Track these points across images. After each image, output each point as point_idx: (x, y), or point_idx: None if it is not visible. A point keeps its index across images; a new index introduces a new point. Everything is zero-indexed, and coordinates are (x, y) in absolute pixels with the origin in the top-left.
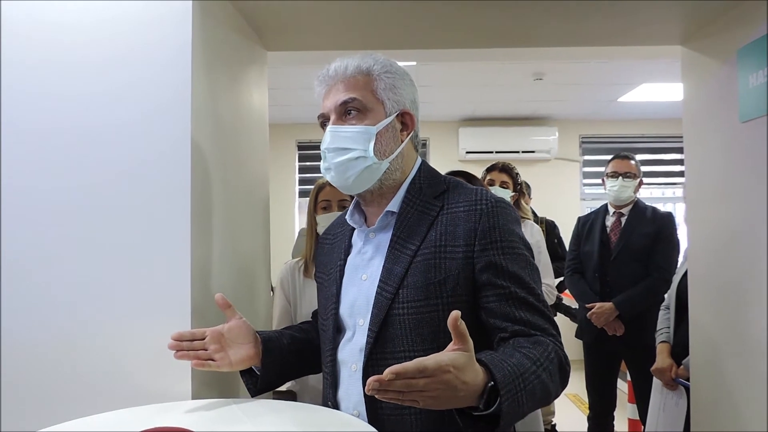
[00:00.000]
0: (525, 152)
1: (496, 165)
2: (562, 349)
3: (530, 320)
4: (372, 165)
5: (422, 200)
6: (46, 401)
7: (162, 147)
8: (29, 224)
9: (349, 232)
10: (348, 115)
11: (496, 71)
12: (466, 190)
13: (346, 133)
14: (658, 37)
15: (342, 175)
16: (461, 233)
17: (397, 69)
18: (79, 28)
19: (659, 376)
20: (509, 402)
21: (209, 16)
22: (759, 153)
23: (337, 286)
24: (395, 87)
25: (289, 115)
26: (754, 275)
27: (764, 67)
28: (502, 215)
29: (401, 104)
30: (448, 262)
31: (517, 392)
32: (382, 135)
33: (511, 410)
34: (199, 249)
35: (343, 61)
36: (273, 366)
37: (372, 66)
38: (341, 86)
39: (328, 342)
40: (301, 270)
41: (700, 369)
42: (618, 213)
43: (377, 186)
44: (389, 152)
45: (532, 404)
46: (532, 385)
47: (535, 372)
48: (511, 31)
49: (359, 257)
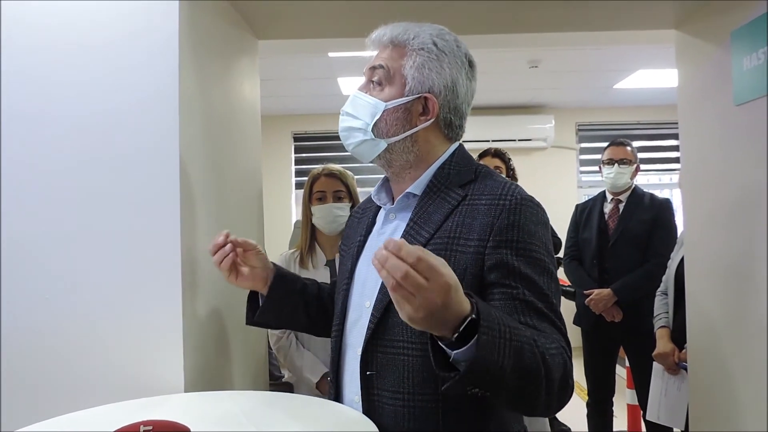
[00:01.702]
0: (521, 140)
1: (488, 150)
2: (570, 363)
3: (536, 327)
4: (370, 140)
5: (447, 187)
6: (34, 395)
7: (149, 138)
8: (16, 218)
9: (376, 209)
10: (372, 84)
11: (491, 59)
12: (494, 183)
13: (360, 101)
14: (652, 21)
15: (345, 141)
16: (477, 227)
17: (441, 48)
18: (62, 19)
19: (661, 361)
20: (487, 338)
21: (196, 5)
22: (754, 136)
23: (352, 263)
24: (425, 67)
25: (284, 106)
26: (751, 259)
27: (758, 49)
28: (525, 214)
29: (426, 86)
30: (458, 256)
31: (500, 337)
32: (390, 114)
33: (487, 350)
34: (189, 241)
35: (386, 27)
36: (276, 301)
37: (410, 39)
38: (379, 52)
39: (337, 317)
40: (297, 261)
41: (698, 353)
42: (616, 200)
43: (383, 163)
44: (393, 133)
45: (514, 364)
46: (520, 343)
47: (528, 340)
48: (506, 17)
49: (378, 237)
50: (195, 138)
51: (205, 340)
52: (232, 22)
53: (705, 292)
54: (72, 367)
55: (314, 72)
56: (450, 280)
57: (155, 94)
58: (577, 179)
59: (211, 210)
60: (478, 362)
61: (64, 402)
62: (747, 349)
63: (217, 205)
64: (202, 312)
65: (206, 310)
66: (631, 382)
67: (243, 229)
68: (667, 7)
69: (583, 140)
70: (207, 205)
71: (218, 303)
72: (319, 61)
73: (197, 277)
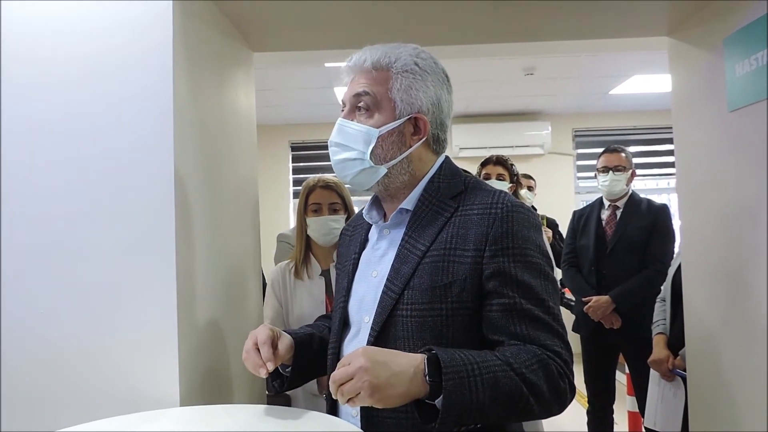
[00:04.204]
0: (518, 147)
1: (490, 158)
2: (562, 366)
3: (530, 335)
4: (369, 169)
5: (438, 200)
6: (31, 408)
7: (144, 149)
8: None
9: (368, 226)
10: (359, 110)
11: (486, 67)
12: (484, 192)
13: (350, 130)
14: (645, 28)
15: (341, 173)
16: (472, 237)
17: (423, 68)
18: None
19: (656, 368)
20: (454, 382)
21: (191, 17)
22: (748, 142)
23: (348, 280)
24: (412, 88)
25: (282, 116)
26: (747, 263)
27: (750, 55)
28: (517, 220)
29: (415, 107)
30: (456, 266)
31: (468, 376)
32: (385, 139)
33: (457, 393)
34: (184, 251)
35: (365, 52)
36: (301, 369)
37: (392, 62)
38: (360, 78)
39: (334, 334)
40: (291, 272)
41: (697, 359)
42: (613, 206)
43: (381, 188)
44: (390, 157)
45: (492, 394)
46: (492, 374)
47: (501, 367)
48: (500, 26)
49: (373, 253)
50: (189, 149)
51: (202, 353)
52: (226, 34)
53: (702, 297)
54: (67, 380)
55: (311, 82)
56: (364, 362)
57: (149, 105)
58: (575, 185)
59: (207, 221)
60: (451, 406)
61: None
62: (745, 353)
63: (212, 215)
64: (198, 324)
65: (202, 321)
66: (631, 388)
67: (239, 239)
68: (660, 14)
69: (580, 146)
70: (202, 215)
71: (214, 315)
72: (316, 71)
73: (193, 290)
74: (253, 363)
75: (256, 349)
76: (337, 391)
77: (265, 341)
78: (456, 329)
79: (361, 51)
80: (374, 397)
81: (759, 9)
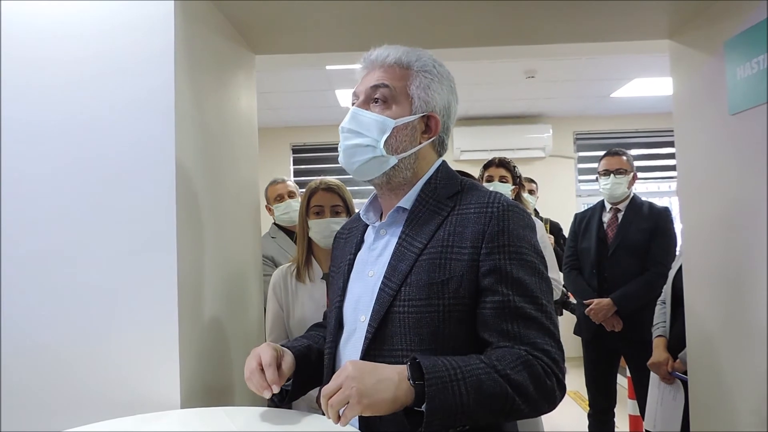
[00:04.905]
0: (520, 150)
1: (492, 161)
2: (549, 364)
3: (520, 333)
4: (380, 157)
5: (435, 199)
6: (32, 410)
7: (145, 151)
8: (10, 232)
9: (364, 228)
10: (374, 102)
11: (487, 70)
12: (480, 193)
13: (365, 118)
14: (646, 31)
15: (349, 159)
16: (469, 235)
17: (439, 71)
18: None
19: (656, 371)
20: (436, 387)
21: (192, 19)
22: (749, 145)
23: (344, 281)
24: (429, 88)
25: (283, 119)
26: (747, 266)
27: (751, 59)
28: (512, 219)
29: (430, 106)
30: (453, 263)
31: (451, 381)
32: (399, 131)
33: (440, 397)
34: (185, 254)
35: (387, 49)
36: (301, 383)
37: (413, 61)
38: (378, 72)
39: (330, 336)
40: (293, 275)
41: (698, 361)
42: (615, 209)
43: (384, 180)
44: (401, 150)
45: (477, 396)
46: (476, 377)
47: (485, 370)
48: (502, 29)
49: (369, 253)
50: (191, 151)
51: (203, 354)
52: (228, 36)
53: (703, 300)
54: (68, 382)
55: (312, 84)
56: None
57: (151, 107)
58: (576, 188)
59: (208, 223)
60: (435, 410)
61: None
62: (745, 356)
63: (213, 218)
64: (199, 326)
65: (203, 324)
66: (632, 392)
67: (240, 241)
68: (661, 17)
69: (582, 149)
70: (203, 218)
71: (215, 317)
72: (317, 73)
73: (194, 292)
74: (257, 384)
75: (261, 370)
76: (327, 405)
77: (270, 363)
78: (453, 326)
79: (382, 48)
80: (363, 403)
81: (760, 12)
